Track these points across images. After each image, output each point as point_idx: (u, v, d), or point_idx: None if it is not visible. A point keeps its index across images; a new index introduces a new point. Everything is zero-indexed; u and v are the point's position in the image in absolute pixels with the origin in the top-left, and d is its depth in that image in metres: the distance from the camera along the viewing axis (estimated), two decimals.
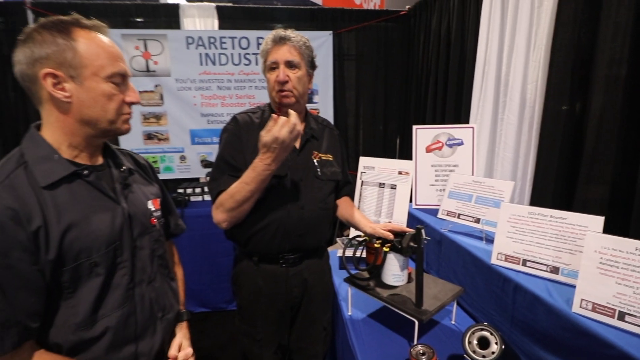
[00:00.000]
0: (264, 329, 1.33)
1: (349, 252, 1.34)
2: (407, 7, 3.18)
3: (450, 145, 1.82)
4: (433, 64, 2.73)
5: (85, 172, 0.80)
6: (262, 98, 3.09)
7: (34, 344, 0.75)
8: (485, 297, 1.28)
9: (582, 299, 0.92)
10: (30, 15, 2.80)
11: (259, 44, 2.98)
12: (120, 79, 0.81)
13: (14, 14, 2.83)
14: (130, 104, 0.85)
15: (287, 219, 1.23)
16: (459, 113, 2.42)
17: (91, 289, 0.79)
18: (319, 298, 1.40)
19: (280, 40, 1.19)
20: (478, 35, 2.14)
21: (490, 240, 1.39)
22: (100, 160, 0.87)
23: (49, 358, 0.75)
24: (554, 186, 1.71)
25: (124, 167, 0.91)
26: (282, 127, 1.04)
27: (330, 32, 3.06)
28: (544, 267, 1.12)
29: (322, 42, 3.03)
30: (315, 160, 1.31)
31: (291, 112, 1.07)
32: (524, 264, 1.16)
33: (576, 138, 1.60)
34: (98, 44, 0.77)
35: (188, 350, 0.99)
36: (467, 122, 2.25)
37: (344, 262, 1.34)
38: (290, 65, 1.20)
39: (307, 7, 3.23)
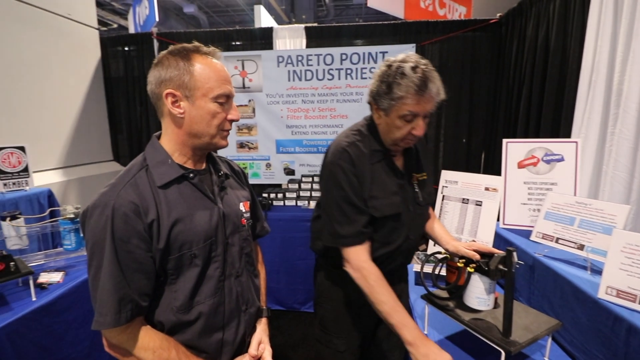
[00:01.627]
0: (348, 340, 1.32)
1: (428, 269, 1.30)
2: (499, 14, 3.01)
3: (548, 161, 1.66)
4: (527, 74, 2.52)
5: (191, 175, 0.90)
6: (343, 110, 3.19)
7: (142, 320, 0.86)
8: (588, 335, 1.13)
9: None
10: (155, 44, 3.35)
11: (342, 60, 3.10)
12: (224, 99, 0.90)
13: (144, 43, 3.42)
14: (231, 121, 0.94)
15: (395, 251, 1.22)
16: (557, 126, 2.19)
17: (190, 277, 0.88)
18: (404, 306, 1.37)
19: (426, 93, 1.03)
20: (584, 41, 1.93)
21: (596, 270, 1.24)
22: (203, 166, 0.98)
23: (153, 333, 0.85)
24: None
25: (221, 172, 1.02)
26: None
27: (413, 44, 3.04)
28: None
29: None
30: (415, 185, 1.23)
31: None
32: None
33: None
34: (211, 68, 0.87)
35: (267, 349, 1.05)
36: (568, 136, 2.03)
37: (421, 278, 1.30)
38: (426, 116, 1.09)
39: (390, 22, 3.25)
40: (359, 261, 1.12)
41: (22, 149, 2.37)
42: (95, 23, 3.41)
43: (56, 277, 1.58)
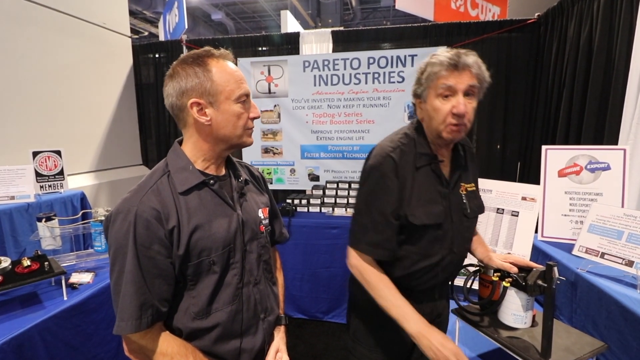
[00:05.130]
0: (384, 355, 1.25)
1: (459, 281, 1.24)
2: (537, 14, 2.88)
3: (592, 170, 1.55)
4: (568, 76, 2.39)
5: (212, 181, 0.91)
6: (369, 115, 3.14)
7: (161, 326, 0.86)
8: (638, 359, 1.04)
9: None
10: (185, 51, 3.44)
11: (369, 64, 3.06)
12: (245, 98, 0.91)
13: (173, 50, 3.53)
14: (253, 119, 0.94)
15: (437, 265, 1.15)
16: (601, 132, 2.06)
17: (208, 284, 0.88)
18: (444, 326, 1.29)
19: (460, 64, 0.97)
20: (632, 41, 1.81)
21: None
22: (223, 171, 0.98)
23: (172, 339, 0.86)
24: None
25: (241, 178, 1.01)
26: None
27: (444, 47, 2.95)
28: None
29: None
30: (463, 195, 1.15)
31: None
32: None
33: None
34: (227, 71, 0.87)
35: (285, 358, 1.03)
36: (614, 143, 1.91)
37: (452, 291, 1.24)
38: (468, 93, 1.00)
39: (419, 24, 3.18)
40: (358, 260, 1.10)
41: (58, 152, 2.48)
42: (128, 31, 3.55)
43: (86, 277, 1.62)
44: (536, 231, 1.59)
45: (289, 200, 3.04)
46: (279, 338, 1.07)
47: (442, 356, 0.95)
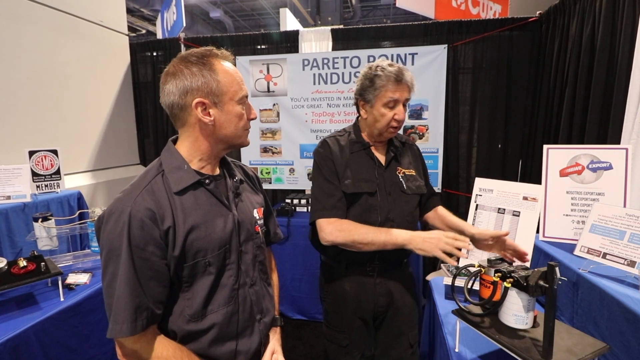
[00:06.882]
0: (349, 336, 1.39)
1: (459, 282, 1.23)
2: (539, 12, 2.85)
3: (594, 170, 1.54)
4: (570, 75, 2.37)
5: (207, 181, 0.90)
6: None
7: (155, 328, 0.85)
8: None
9: None
10: (183, 49, 3.41)
11: (369, 62, 3.02)
12: (245, 100, 0.91)
13: (171, 48, 3.50)
14: (251, 120, 0.95)
15: None
16: (604, 131, 2.05)
17: (204, 285, 0.87)
18: (405, 312, 1.43)
19: (402, 81, 1.26)
20: (635, 39, 1.79)
21: None
22: (218, 171, 0.98)
23: (166, 342, 0.85)
24: None
25: (236, 178, 1.01)
26: (456, 242, 1.15)
27: (445, 45, 2.93)
28: None
29: (435, 57, 2.91)
30: (400, 176, 1.39)
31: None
32: None
33: None
34: (230, 72, 0.88)
35: (281, 359, 1.04)
36: (617, 143, 1.90)
37: (453, 292, 1.23)
38: (403, 104, 1.30)
39: (420, 22, 3.16)
40: (329, 223, 1.28)
41: (54, 152, 2.45)
42: (125, 29, 3.52)
43: (83, 278, 1.61)
44: (537, 231, 1.58)
45: (288, 200, 3.02)
46: (275, 340, 1.07)
47: (435, 241, 1.14)
